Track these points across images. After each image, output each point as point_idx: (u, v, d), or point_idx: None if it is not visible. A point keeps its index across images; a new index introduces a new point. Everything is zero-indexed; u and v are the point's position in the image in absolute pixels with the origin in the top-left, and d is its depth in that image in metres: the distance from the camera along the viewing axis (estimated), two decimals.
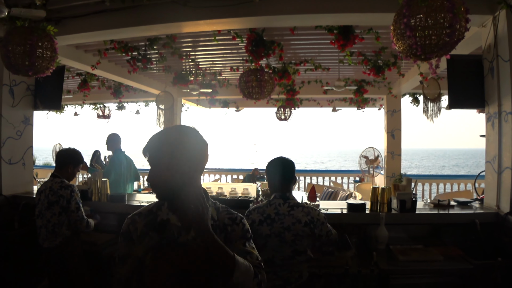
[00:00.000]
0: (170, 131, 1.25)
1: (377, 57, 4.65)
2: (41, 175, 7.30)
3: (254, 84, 4.00)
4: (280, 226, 2.05)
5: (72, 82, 6.79)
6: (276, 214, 2.08)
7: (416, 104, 7.36)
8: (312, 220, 2.06)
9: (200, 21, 3.27)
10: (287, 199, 2.14)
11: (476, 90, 3.10)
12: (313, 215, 2.08)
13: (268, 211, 2.11)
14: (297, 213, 2.07)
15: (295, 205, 2.11)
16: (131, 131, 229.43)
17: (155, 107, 8.75)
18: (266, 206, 2.14)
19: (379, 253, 2.49)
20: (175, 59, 5.08)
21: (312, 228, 2.06)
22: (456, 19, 1.85)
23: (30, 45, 2.59)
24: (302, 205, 2.12)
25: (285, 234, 2.04)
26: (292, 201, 2.13)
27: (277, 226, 2.06)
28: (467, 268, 2.30)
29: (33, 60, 2.63)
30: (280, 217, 2.07)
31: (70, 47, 4.49)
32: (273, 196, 2.18)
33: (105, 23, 3.42)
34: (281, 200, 2.13)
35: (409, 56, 2.04)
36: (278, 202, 2.13)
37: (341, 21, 3.38)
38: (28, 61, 2.61)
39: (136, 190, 6.85)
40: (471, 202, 3.18)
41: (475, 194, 4.03)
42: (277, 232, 2.05)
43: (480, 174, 3.46)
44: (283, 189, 2.17)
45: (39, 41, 2.63)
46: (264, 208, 2.14)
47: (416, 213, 2.89)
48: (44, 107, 4.01)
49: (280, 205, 2.11)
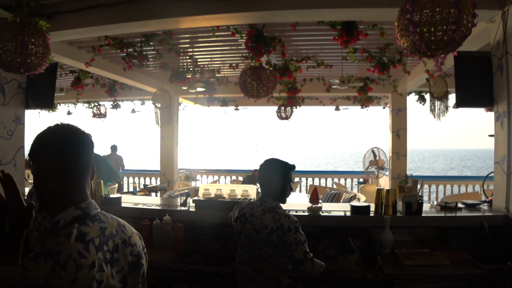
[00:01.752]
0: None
1: (382, 53, 4.65)
2: None
3: (254, 82, 4.01)
4: (252, 227, 2.15)
5: (65, 80, 6.79)
6: (250, 215, 2.19)
7: (422, 103, 7.36)
8: (280, 227, 2.07)
9: (198, 17, 3.27)
10: (265, 202, 2.22)
11: (484, 88, 3.10)
12: (283, 222, 2.09)
13: (245, 209, 2.24)
14: (266, 218, 2.12)
15: (268, 209, 2.17)
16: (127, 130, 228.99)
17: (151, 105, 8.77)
18: (246, 205, 2.27)
19: (384, 257, 2.49)
20: (172, 56, 5.08)
21: (281, 235, 2.06)
22: (462, 14, 1.85)
23: (21, 41, 2.59)
24: (276, 212, 2.15)
25: (253, 236, 2.14)
26: (269, 205, 2.19)
27: (248, 227, 2.17)
28: (475, 273, 2.29)
29: (25, 57, 2.62)
30: (253, 219, 2.17)
31: (63, 44, 4.50)
32: (257, 198, 2.32)
33: (99, 18, 3.42)
34: (259, 202, 2.24)
35: (414, 53, 2.04)
36: (256, 203, 2.24)
37: (344, 16, 3.38)
38: (20, 57, 2.61)
39: (132, 192, 6.86)
40: (480, 204, 3.18)
41: (484, 196, 4.03)
42: (248, 232, 2.16)
43: (488, 175, 3.46)
44: (264, 192, 2.27)
45: (31, 37, 2.63)
46: (243, 206, 2.28)
47: (422, 216, 2.89)
48: (36, 105, 4.01)
49: (256, 207, 2.21)
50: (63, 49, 4.51)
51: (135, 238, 1.15)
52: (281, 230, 2.06)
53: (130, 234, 1.14)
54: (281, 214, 2.13)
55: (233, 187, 3.35)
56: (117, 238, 1.08)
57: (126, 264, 1.08)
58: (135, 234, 1.18)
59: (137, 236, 1.19)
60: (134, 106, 9.17)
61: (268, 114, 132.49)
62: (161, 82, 6.75)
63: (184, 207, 3.18)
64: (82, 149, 1.10)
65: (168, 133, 7.76)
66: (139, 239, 1.19)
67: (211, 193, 3.29)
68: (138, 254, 1.13)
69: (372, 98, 8.05)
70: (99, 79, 6.82)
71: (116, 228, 1.10)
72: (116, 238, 1.07)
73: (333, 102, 8.79)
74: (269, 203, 2.20)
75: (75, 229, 0.99)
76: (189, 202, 3.22)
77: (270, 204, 2.19)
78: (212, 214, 2.97)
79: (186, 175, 9.33)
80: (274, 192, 2.25)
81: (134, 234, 1.17)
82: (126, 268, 1.07)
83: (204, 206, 3.09)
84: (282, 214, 2.14)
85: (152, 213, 3.04)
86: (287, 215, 2.13)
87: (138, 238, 1.19)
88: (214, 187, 3.42)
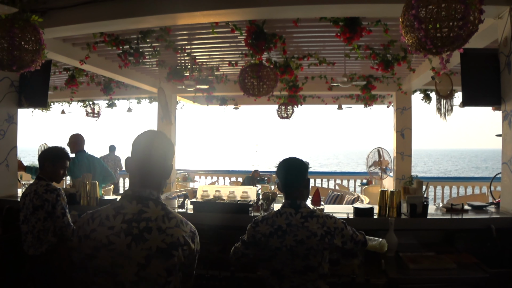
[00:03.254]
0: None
1: (386, 51, 4.65)
2: (26, 178, 7.29)
3: (254, 80, 4.01)
4: (293, 239, 1.96)
5: (59, 78, 6.80)
6: (288, 226, 1.98)
7: (427, 101, 7.36)
8: (330, 230, 1.98)
9: (196, 12, 3.27)
10: (299, 208, 2.04)
11: (491, 86, 3.10)
12: (329, 224, 2.00)
13: (278, 221, 2.01)
14: (312, 225, 1.97)
15: (308, 215, 2.01)
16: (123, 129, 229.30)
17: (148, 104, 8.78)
18: (275, 216, 2.04)
19: (388, 261, 2.49)
20: (169, 53, 5.08)
21: (330, 239, 1.99)
22: (469, 10, 1.85)
23: (13, 38, 2.58)
24: (317, 215, 2.02)
25: (297, 248, 1.96)
26: (305, 210, 2.03)
27: (289, 239, 1.96)
28: (482, 277, 2.29)
29: (17, 54, 2.62)
30: (292, 229, 1.97)
31: (57, 40, 4.49)
32: (283, 204, 2.10)
33: (94, 14, 3.42)
34: (291, 209, 2.04)
35: (419, 49, 2.04)
36: (289, 211, 2.03)
37: (347, 12, 3.38)
38: (12, 54, 2.61)
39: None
40: (487, 206, 3.18)
41: (491, 197, 4.03)
42: (289, 245, 1.96)
43: (496, 176, 3.46)
44: (293, 195, 2.08)
45: (23, 33, 2.62)
46: (273, 218, 2.04)
47: (427, 218, 2.89)
48: (29, 104, 4.01)
49: (291, 215, 2.01)
50: (57, 46, 4.51)
51: (178, 233, 1.37)
52: (330, 234, 1.98)
53: (171, 226, 1.37)
54: (323, 216, 2.03)
55: (233, 189, 3.35)
56: (153, 223, 1.35)
57: (155, 246, 1.32)
58: (184, 231, 1.40)
59: (183, 233, 1.39)
60: (130, 105, 9.18)
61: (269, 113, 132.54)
62: (158, 80, 6.75)
63: (181, 209, 3.18)
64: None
65: (165, 132, 7.75)
66: (186, 237, 1.39)
67: (209, 195, 3.29)
68: (170, 244, 1.33)
69: (375, 97, 8.05)
70: (94, 77, 6.82)
71: (158, 217, 1.37)
72: (151, 223, 1.35)
73: (335, 101, 8.80)
74: (305, 208, 2.05)
75: (121, 201, 1.42)
76: (187, 204, 3.22)
77: (307, 208, 2.06)
78: (211, 217, 2.97)
79: (184, 176, 9.34)
80: (305, 194, 2.14)
81: (179, 229, 1.39)
82: (153, 250, 1.31)
83: (202, 208, 3.09)
84: (324, 216, 2.04)
85: None
86: (327, 215, 2.05)
87: (186, 236, 1.39)
88: (213, 188, 3.42)
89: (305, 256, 1.96)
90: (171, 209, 1.45)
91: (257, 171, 8.79)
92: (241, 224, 2.97)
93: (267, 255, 2.01)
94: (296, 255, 1.96)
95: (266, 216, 2.09)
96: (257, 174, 8.56)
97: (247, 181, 8.22)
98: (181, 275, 1.42)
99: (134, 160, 1.47)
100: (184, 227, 1.41)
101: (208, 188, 3.40)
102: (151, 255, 1.31)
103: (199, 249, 1.48)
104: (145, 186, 1.43)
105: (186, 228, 1.42)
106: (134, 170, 1.47)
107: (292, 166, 2.14)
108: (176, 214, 1.44)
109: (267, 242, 2.00)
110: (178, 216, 1.44)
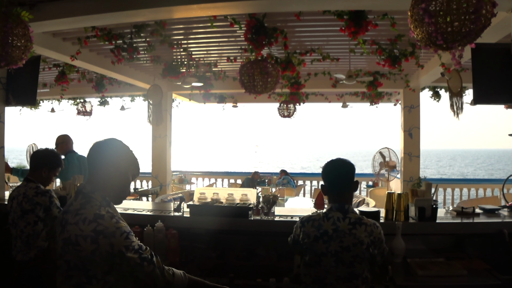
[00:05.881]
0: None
1: (393, 46, 4.65)
2: (13, 180, 7.30)
3: (255, 76, 4.00)
4: (339, 245, 2.00)
5: (48, 74, 6.79)
6: (334, 231, 2.02)
7: (437, 99, 7.35)
8: (374, 240, 2.03)
9: (193, 5, 3.27)
10: (347, 212, 2.07)
11: (504, 83, 3.10)
12: (376, 234, 2.04)
13: (325, 226, 2.04)
14: (360, 233, 2.00)
15: (357, 221, 2.04)
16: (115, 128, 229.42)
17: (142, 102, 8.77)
18: (322, 220, 2.07)
19: (395, 267, 2.49)
20: (165, 48, 5.08)
21: (373, 249, 2.03)
22: (482, 3, 1.85)
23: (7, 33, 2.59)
24: (365, 222, 2.05)
25: (343, 254, 1.99)
26: (353, 215, 2.06)
27: (335, 245, 2.00)
28: (494, 284, 2.29)
29: (6, 49, 2.62)
30: (339, 235, 2.01)
31: (46, 35, 4.49)
32: (330, 207, 2.12)
33: (85, 7, 3.41)
34: (339, 213, 2.07)
35: (429, 45, 2.04)
36: (336, 216, 2.06)
37: (352, 5, 3.38)
38: (5, 50, 2.61)
39: None
40: (499, 210, 3.18)
41: (503, 200, 4.03)
42: (334, 251, 2.00)
43: (508, 178, 3.46)
44: (341, 199, 2.11)
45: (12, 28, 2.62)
46: (320, 222, 2.07)
47: (436, 222, 2.89)
48: (17, 102, 4.01)
49: (339, 220, 2.04)
50: (46, 41, 4.50)
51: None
52: (374, 244, 2.03)
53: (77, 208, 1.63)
54: (371, 225, 2.05)
55: (231, 191, 3.35)
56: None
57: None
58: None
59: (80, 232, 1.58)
60: (124, 103, 9.16)
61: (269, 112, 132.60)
62: (153, 76, 6.75)
63: (178, 212, 3.18)
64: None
65: (161, 132, 7.76)
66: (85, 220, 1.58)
67: (207, 198, 3.29)
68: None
69: (382, 94, 8.04)
70: (85, 73, 6.81)
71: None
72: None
73: (339, 99, 8.79)
74: (353, 213, 2.07)
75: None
76: (183, 207, 3.22)
77: (354, 214, 2.08)
78: (209, 221, 2.97)
79: (180, 178, 9.34)
80: (351, 197, 2.17)
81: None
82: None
83: (199, 212, 3.09)
84: (372, 224, 2.06)
85: (143, 219, 3.04)
86: (375, 224, 2.07)
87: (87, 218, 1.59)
88: (211, 190, 3.42)
89: (350, 263, 1.99)
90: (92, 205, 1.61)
91: (257, 172, 8.80)
92: (240, 229, 2.99)
93: (313, 260, 2.05)
94: (341, 262, 2.00)
95: (313, 217, 2.13)
96: (257, 176, 8.56)
97: (246, 183, 8.23)
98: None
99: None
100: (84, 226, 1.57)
101: (206, 191, 3.40)
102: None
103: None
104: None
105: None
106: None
107: (341, 168, 2.18)
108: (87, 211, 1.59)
109: (312, 246, 2.04)
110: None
